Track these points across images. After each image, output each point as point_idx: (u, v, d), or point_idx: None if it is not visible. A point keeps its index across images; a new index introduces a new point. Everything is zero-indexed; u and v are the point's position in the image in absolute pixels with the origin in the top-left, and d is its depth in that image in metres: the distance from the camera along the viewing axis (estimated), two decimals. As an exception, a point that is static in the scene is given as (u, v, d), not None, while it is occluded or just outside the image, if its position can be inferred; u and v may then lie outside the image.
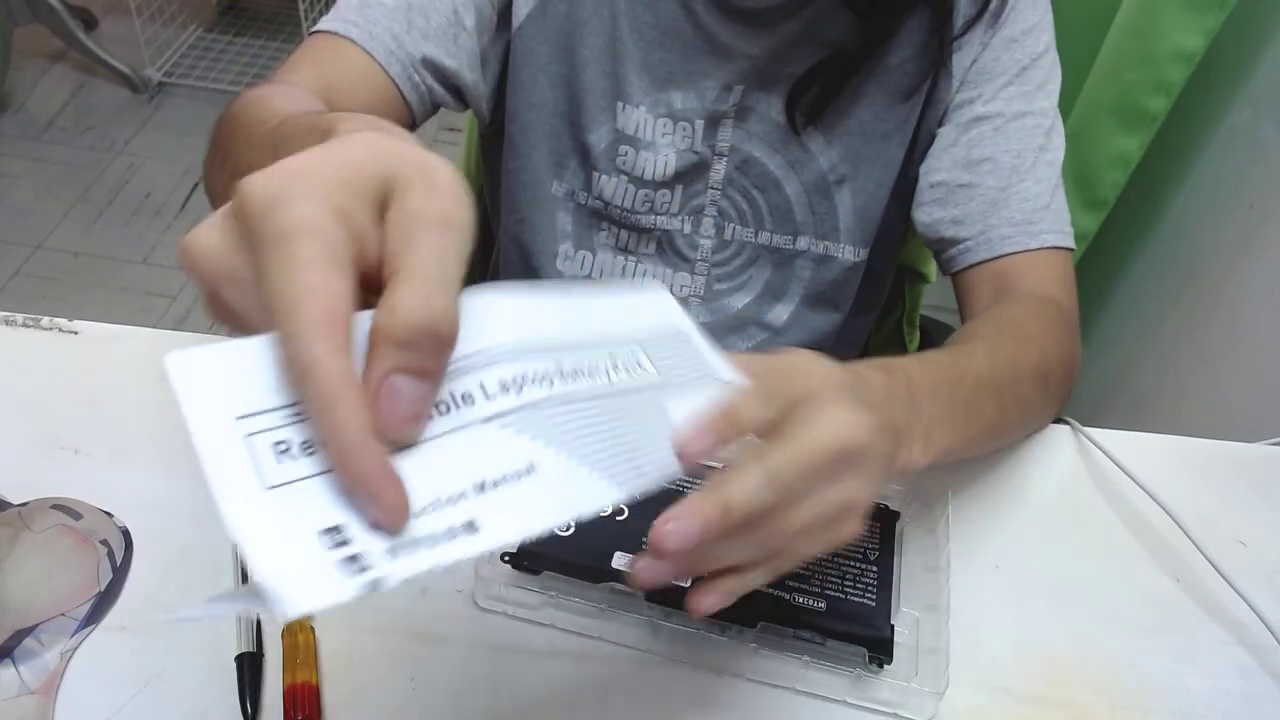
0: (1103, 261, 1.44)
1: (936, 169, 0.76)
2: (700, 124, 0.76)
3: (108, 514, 0.60)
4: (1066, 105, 1.30)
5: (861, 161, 0.77)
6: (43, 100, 2.38)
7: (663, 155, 0.77)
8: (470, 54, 0.75)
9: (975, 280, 0.75)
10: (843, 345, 0.92)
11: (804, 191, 0.78)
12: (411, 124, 0.74)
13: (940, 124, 0.77)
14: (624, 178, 0.79)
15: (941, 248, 0.77)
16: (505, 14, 0.75)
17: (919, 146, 0.78)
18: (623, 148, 0.77)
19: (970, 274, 0.75)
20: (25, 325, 0.72)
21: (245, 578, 0.58)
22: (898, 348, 1.04)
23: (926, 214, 0.77)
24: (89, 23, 2.51)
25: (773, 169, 0.77)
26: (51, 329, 0.71)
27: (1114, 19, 1.24)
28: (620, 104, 0.76)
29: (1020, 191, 0.74)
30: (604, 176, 0.78)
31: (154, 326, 0.72)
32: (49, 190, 2.15)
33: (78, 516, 0.59)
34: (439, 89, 0.74)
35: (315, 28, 0.71)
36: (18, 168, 2.20)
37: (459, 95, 0.76)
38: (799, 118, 0.75)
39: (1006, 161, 0.74)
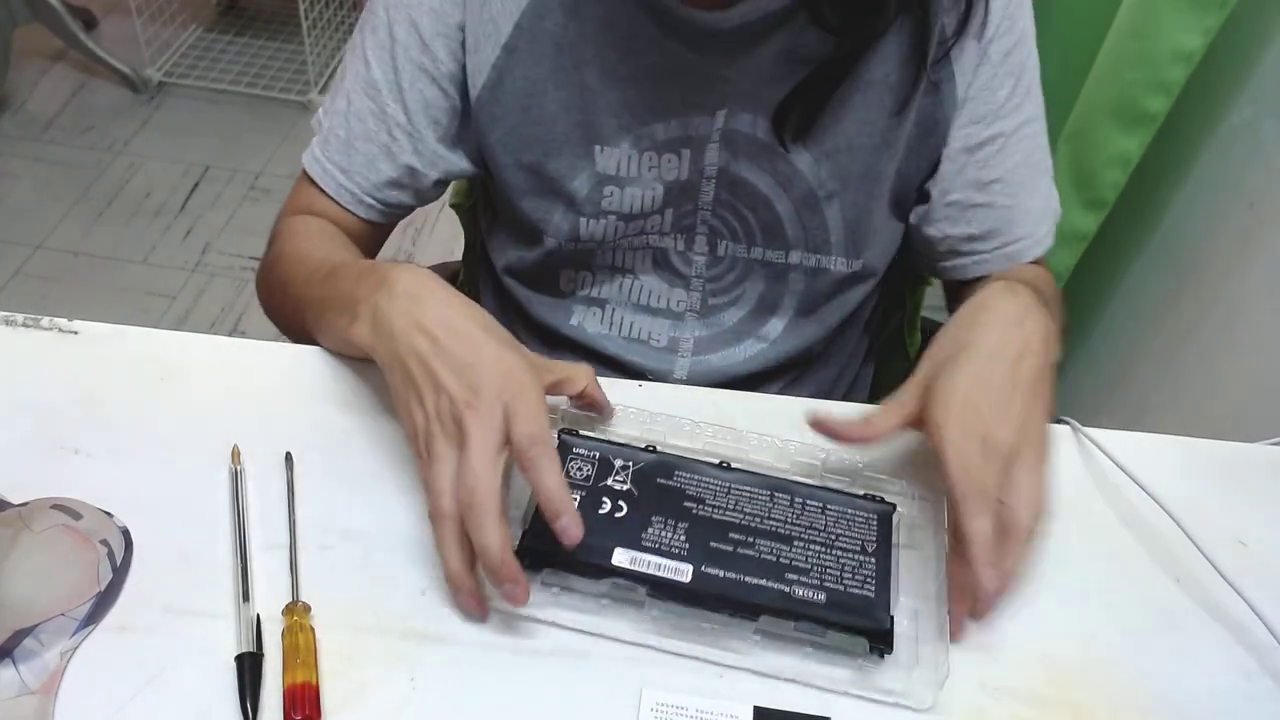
0: (1102, 261, 1.44)
1: (950, 189, 0.78)
2: (687, 152, 0.76)
3: (108, 514, 0.60)
4: (1066, 105, 1.31)
5: (849, 176, 0.76)
6: (43, 100, 2.38)
7: (649, 189, 0.77)
8: (423, 155, 0.78)
9: (980, 283, 0.80)
10: (838, 354, 0.92)
11: (793, 208, 0.78)
12: (383, 228, 0.84)
13: (946, 141, 0.77)
14: (611, 217, 0.78)
15: (949, 258, 0.82)
16: (463, 87, 0.76)
17: (914, 159, 0.77)
18: (607, 188, 0.77)
19: (980, 281, 0.81)
20: (25, 325, 0.72)
21: (245, 578, 0.58)
22: (899, 353, 1.04)
23: (939, 229, 0.81)
24: (89, 23, 2.51)
25: (762, 188, 0.77)
26: (51, 329, 0.71)
27: (1114, 19, 1.24)
28: (597, 147, 0.75)
29: (1027, 207, 0.80)
30: (590, 221, 0.78)
31: (154, 326, 0.72)
32: (49, 190, 2.16)
33: (78, 516, 0.59)
34: (401, 195, 0.80)
35: (303, 156, 0.81)
36: (18, 168, 2.20)
37: (439, 183, 0.81)
38: (786, 136, 0.74)
39: (1014, 179, 0.78)
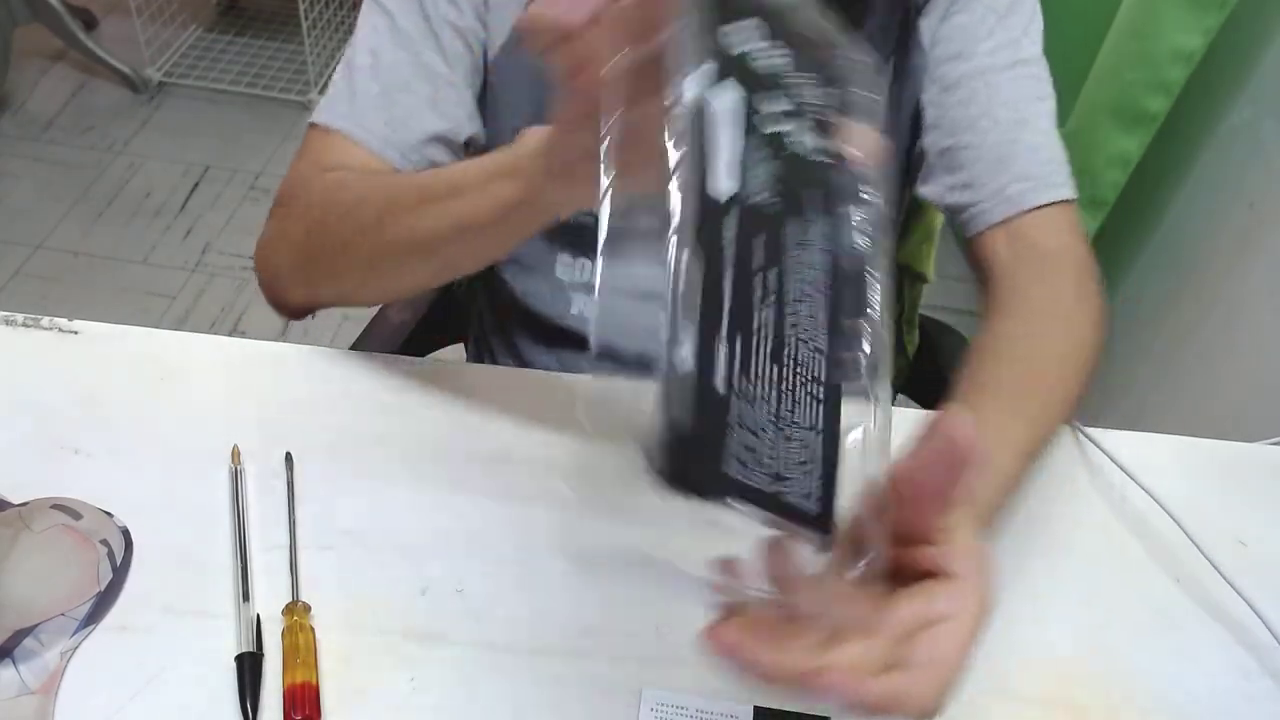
0: (1103, 261, 1.44)
1: (939, 139, 0.75)
2: None
3: (108, 514, 0.60)
4: (1066, 105, 1.31)
5: None
6: (43, 100, 2.38)
7: None
8: (464, 106, 0.75)
9: (993, 242, 0.73)
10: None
11: None
12: None
13: (922, 87, 0.75)
14: None
15: (954, 213, 0.76)
16: (484, 45, 0.75)
17: (894, 111, 0.76)
18: None
19: (987, 236, 0.73)
20: (25, 325, 0.72)
21: (245, 578, 0.58)
22: (896, 348, 1.04)
23: (937, 182, 0.75)
24: (89, 23, 2.51)
25: None
26: (51, 329, 0.71)
27: (1114, 19, 1.24)
28: None
29: (1026, 144, 0.72)
30: None
31: (154, 326, 0.72)
32: (49, 190, 2.15)
33: (78, 516, 0.59)
34: (442, 155, 0.75)
35: (314, 118, 0.73)
36: (18, 168, 2.20)
37: (467, 145, 0.77)
38: None
39: (1005, 116, 0.72)
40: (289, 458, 0.64)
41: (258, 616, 0.56)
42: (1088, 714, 0.57)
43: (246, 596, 0.57)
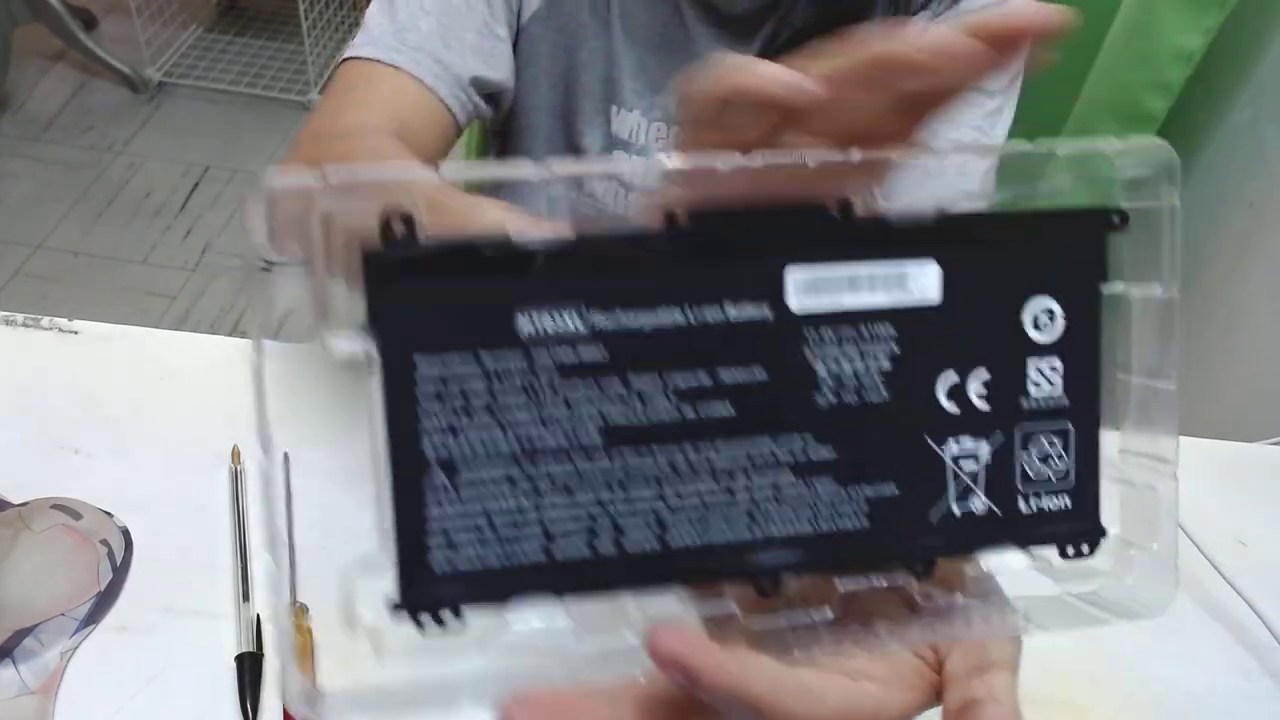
0: (1103, 262, 1.44)
1: None
2: None
3: (108, 514, 0.60)
4: (1066, 105, 1.31)
5: None
6: (43, 100, 2.38)
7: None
8: (506, 60, 0.75)
9: None
10: None
11: None
12: (455, 139, 0.74)
13: None
14: (615, 182, 0.79)
15: None
16: (518, 8, 0.75)
17: None
18: (616, 152, 0.78)
19: None
20: (25, 325, 0.72)
21: (245, 578, 0.58)
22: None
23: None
24: (89, 23, 2.51)
25: None
26: (51, 329, 0.71)
27: (1114, 19, 1.24)
28: (614, 108, 0.76)
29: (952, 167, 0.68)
30: (597, 181, 0.79)
31: (154, 326, 0.72)
32: (49, 190, 2.15)
33: (78, 516, 0.59)
34: (482, 104, 0.74)
35: (353, 53, 0.71)
36: (18, 168, 2.20)
37: (497, 102, 0.77)
38: None
39: (943, 132, 0.70)
40: (286, 458, 0.64)
41: (258, 616, 0.56)
42: (1088, 714, 0.57)
43: (246, 596, 0.57)
